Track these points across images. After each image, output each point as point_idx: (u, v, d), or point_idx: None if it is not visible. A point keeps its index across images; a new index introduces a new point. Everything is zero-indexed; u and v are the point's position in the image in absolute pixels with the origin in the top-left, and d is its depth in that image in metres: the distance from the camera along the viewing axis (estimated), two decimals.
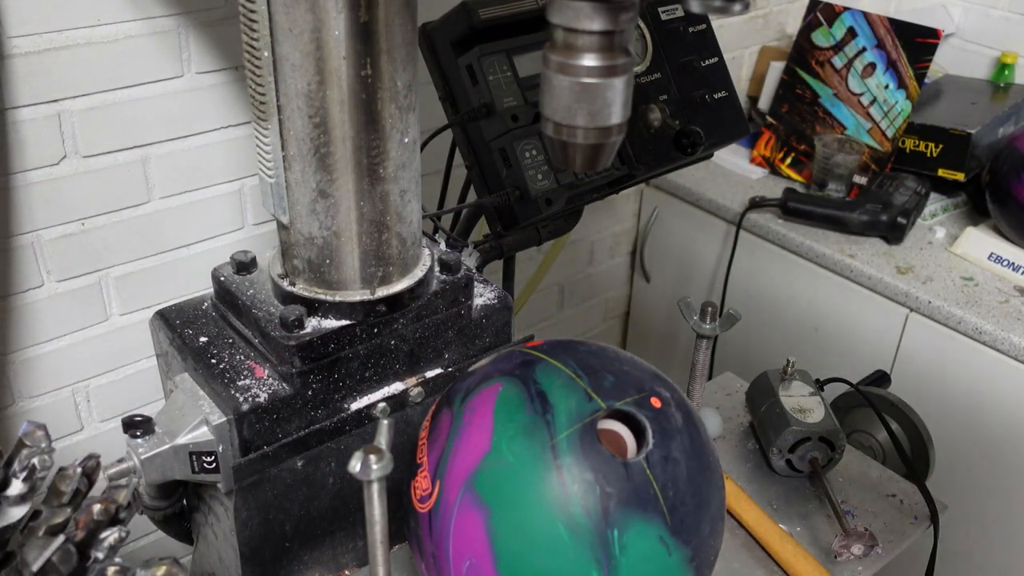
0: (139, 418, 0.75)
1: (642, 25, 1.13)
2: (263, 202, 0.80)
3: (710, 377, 1.42)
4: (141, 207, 1.19)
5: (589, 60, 0.53)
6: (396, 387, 0.85)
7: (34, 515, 0.56)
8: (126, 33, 1.09)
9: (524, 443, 0.68)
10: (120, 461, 0.75)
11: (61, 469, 0.58)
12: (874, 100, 1.81)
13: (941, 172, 1.76)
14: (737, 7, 0.48)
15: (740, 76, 2.05)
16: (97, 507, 0.57)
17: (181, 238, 1.25)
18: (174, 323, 0.85)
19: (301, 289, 0.80)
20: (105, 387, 1.27)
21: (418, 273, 0.83)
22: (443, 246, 0.92)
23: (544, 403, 0.70)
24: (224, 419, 0.76)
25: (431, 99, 1.06)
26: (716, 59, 1.20)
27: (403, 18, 0.70)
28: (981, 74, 2.03)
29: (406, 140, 0.76)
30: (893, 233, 1.66)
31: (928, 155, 1.77)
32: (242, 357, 0.81)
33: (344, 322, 0.79)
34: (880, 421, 1.11)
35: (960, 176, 1.73)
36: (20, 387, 1.19)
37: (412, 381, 0.86)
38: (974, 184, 1.78)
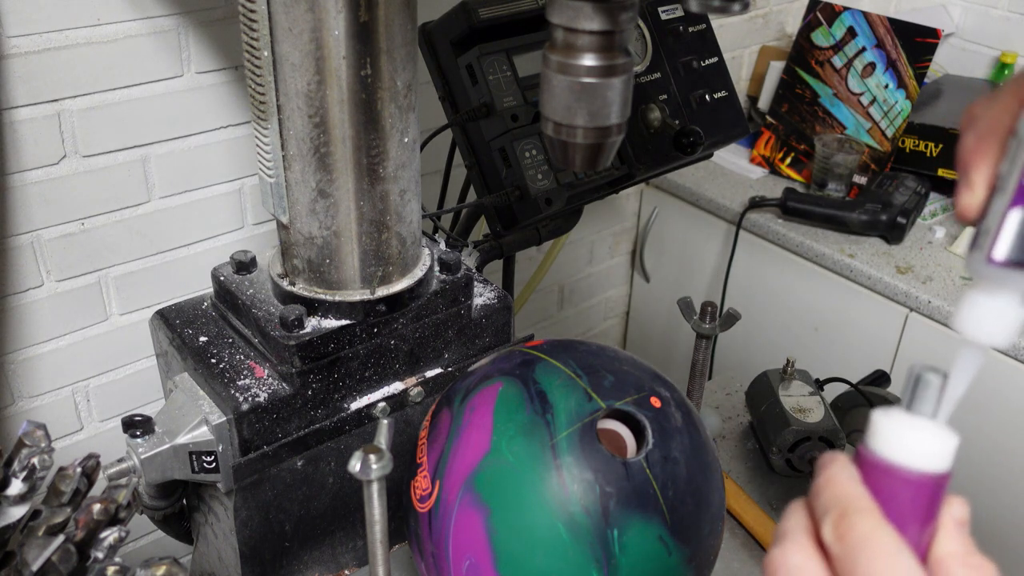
0: (139, 418, 0.75)
1: (642, 25, 1.13)
2: (263, 202, 0.80)
3: (710, 377, 1.42)
4: (141, 207, 1.19)
5: (589, 60, 0.53)
6: (396, 387, 0.85)
7: (34, 515, 0.56)
8: (126, 33, 1.09)
9: (524, 443, 0.68)
10: (120, 461, 0.75)
11: (61, 469, 0.58)
12: (874, 100, 1.81)
13: (941, 172, 1.76)
14: (737, 7, 0.48)
15: (740, 76, 2.05)
16: (97, 507, 0.57)
17: (181, 238, 1.25)
18: (174, 323, 0.85)
19: (301, 289, 0.80)
20: (105, 387, 1.27)
21: (418, 273, 0.83)
22: (443, 246, 0.92)
23: (544, 403, 0.70)
24: (224, 419, 0.76)
25: (431, 99, 1.05)
26: (716, 59, 1.20)
27: (403, 18, 0.70)
28: (981, 74, 2.03)
29: (406, 140, 0.76)
30: (893, 233, 1.66)
31: (928, 155, 1.77)
32: (242, 357, 0.81)
33: (344, 322, 0.79)
34: None
35: None
36: (20, 387, 1.19)
37: (412, 381, 0.86)
38: None
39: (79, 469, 0.58)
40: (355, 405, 0.83)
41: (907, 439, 0.37)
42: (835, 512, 0.36)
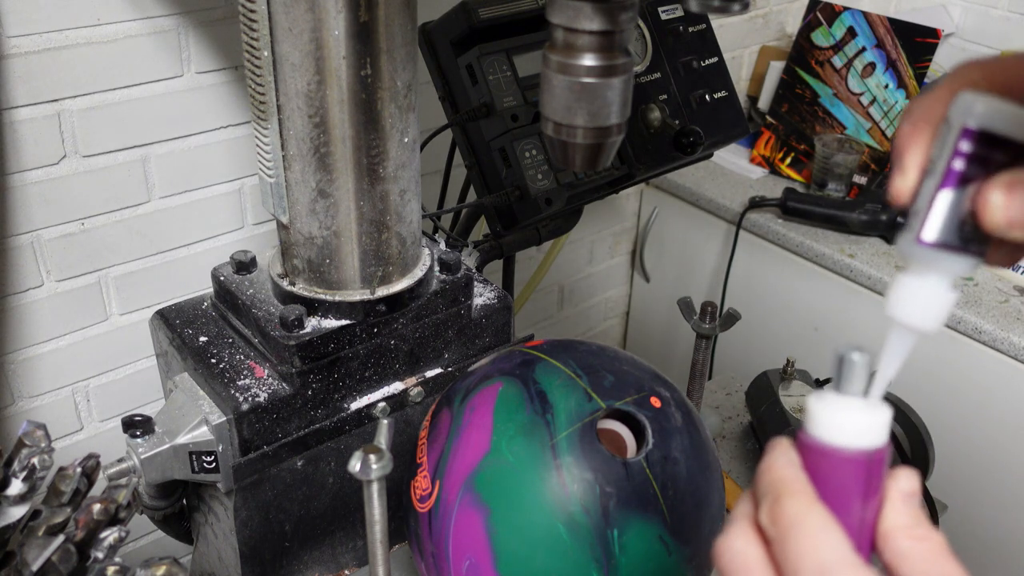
0: (139, 418, 0.75)
1: (642, 25, 1.13)
2: (263, 202, 0.80)
3: (710, 377, 1.42)
4: (141, 207, 1.19)
5: (589, 60, 0.53)
6: (396, 387, 0.85)
7: (34, 515, 0.56)
8: (126, 33, 1.09)
9: (524, 443, 0.68)
10: (120, 461, 0.75)
11: (61, 469, 0.58)
12: (874, 100, 1.81)
13: None
14: (737, 7, 0.48)
15: (740, 76, 2.05)
16: (97, 507, 0.57)
17: (181, 238, 1.25)
18: (174, 323, 0.85)
19: (301, 289, 0.80)
20: (105, 387, 1.27)
21: (418, 273, 0.83)
22: (443, 246, 0.92)
23: (544, 403, 0.70)
24: (224, 419, 0.76)
25: (431, 99, 1.05)
26: (716, 59, 1.20)
27: (403, 18, 0.71)
28: None
29: (406, 140, 0.76)
30: (893, 233, 1.66)
31: None
32: (242, 357, 0.81)
33: (344, 322, 0.79)
34: None
35: None
36: (20, 387, 1.19)
37: (412, 381, 0.86)
38: None
39: (79, 469, 0.58)
40: (355, 405, 0.83)
41: (837, 419, 0.38)
42: (770, 497, 0.38)
